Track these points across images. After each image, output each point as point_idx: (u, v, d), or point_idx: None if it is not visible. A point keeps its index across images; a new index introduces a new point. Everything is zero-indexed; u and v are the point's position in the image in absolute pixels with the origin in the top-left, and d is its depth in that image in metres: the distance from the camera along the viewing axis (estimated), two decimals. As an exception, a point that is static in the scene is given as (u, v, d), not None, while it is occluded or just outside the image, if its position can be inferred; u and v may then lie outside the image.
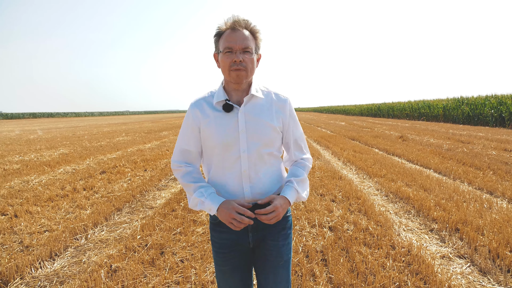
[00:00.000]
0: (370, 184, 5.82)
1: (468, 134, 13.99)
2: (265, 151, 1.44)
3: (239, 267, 1.49)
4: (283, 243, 1.50)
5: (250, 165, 1.42)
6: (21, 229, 3.72)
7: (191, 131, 1.48)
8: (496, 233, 3.41)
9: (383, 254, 3.03)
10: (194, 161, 1.53)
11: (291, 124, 1.53)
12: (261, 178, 1.44)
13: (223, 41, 1.38)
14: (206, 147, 1.48)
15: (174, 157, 1.53)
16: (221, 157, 1.43)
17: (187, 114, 1.50)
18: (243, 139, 1.41)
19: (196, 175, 1.50)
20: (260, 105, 1.46)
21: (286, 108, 1.50)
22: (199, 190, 1.42)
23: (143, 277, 2.66)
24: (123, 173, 6.73)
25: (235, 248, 1.48)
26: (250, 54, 1.38)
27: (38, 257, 3.02)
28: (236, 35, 1.36)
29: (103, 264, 2.85)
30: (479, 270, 2.84)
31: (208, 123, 1.43)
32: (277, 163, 1.52)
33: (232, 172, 1.43)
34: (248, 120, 1.42)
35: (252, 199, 1.43)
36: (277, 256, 1.49)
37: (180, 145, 1.52)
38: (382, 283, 2.54)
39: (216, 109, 1.44)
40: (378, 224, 3.76)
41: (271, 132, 1.45)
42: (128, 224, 3.94)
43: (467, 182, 5.76)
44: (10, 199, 4.85)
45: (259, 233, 1.47)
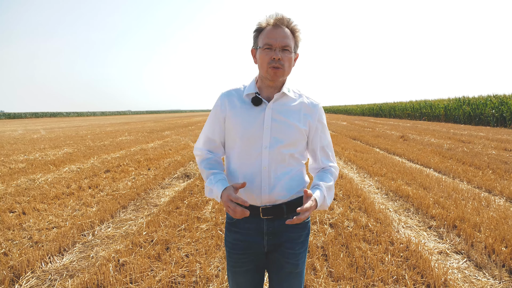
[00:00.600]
0: (370, 183, 5.91)
1: (469, 134, 14.05)
2: (286, 151, 1.41)
3: (251, 270, 1.47)
4: (300, 251, 1.47)
5: (270, 162, 1.39)
6: (30, 226, 3.83)
7: (217, 120, 1.48)
8: (492, 229, 3.50)
9: (382, 250, 3.12)
10: (216, 150, 1.53)
11: (319, 130, 1.50)
12: (280, 177, 1.41)
13: (263, 37, 1.37)
14: (229, 138, 1.47)
15: (198, 143, 1.55)
16: (243, 150, 1.42)
17: (215, 103, 1.50)
18: (267, 135, 1.39)
19: (212, 162, 1.50)
20: (290, 105, 1.44)
21: (316, 113, 1.47)
22: (210, 178, 1.42)
23: (150, 271, 2.76)
24: (127, 172, 6.83)
25: (248, 251, 1.45)
26: (289, 53, 1.37)
27: (47, 252, 3.12)
28: (277, 32, 1.35)
29: (111, 259, 2.95)
30: (475, 265, 2.92)
31: (234, 114, 1.43)
32: (298, 167, 1.48)
33: (252, 167, 1.40)
34: (275, 117, 1.40)
35: (268, 199, 1.40)
36: (294, 265, 1.46)
37: (205, 133, 1.52)
38: (381, 277, 2.64)
39: (245, 101, 1.44)
40: (378, 221, 3.84)
41: (295, 133, 1.42)
42: (134, 221, 4.04)
43: (466, 181, 5.84)
44: (17, 197, 4.95)
45: (276, 238, 1.44)
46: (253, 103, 1.40)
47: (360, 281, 2.58)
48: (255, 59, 1.44)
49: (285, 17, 1.36)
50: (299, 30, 1.41)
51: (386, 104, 40.11)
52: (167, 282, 2.56)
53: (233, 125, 1.43)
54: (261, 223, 1.42)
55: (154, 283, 2.54)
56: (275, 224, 1.42)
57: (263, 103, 1.41)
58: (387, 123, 24.47)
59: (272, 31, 1.35)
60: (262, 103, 1.41)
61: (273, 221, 1.43)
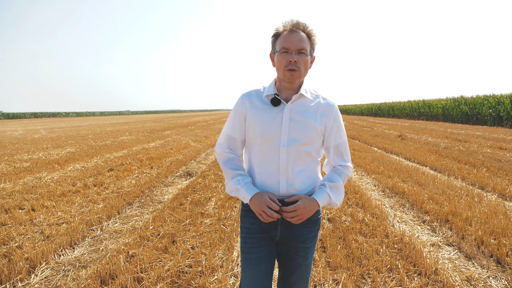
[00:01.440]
0: (368, 181, 6.07)
1: (465, 133, 14.24)
2: (303, 149, 1.49)
3: (264, 256, 1.53)
4: (310, 245, 1.56)
5: (288, 159, 1.47)
6: (40, 221, 3.99)
7: (238, 119, 1.56)
8: (482, 223, 3.67)
9: (377, 242, 3.29)
10: (237, 148, 1.61)
11: (334, 129, 1.56)
12: (297, 174, 1.49)
13: (280, 42, 1.45)
14: (249, 137, 1.56)
15: (219, 142, 1.63)
16: (262, 148, 1.50)
17: (236, 103, 1.59)
18: (285, 134, 1.47)
19: (236, 162, 1.58)
20: (307, 106, 1.52)
21: (332, 113, 1.55)
22: (236, 178, 1.50)
23: (158, 262, 2.92)
24: (130, 171, 6.99)
25: (262, 236, 1.54)
26: (304, 56, 1.44)
27: (59, 245, 3.28)
28: (293, 37, 1.43)
29: (121, 251, 3.12)
30: (465, 256, 3.09)
31: (255, 113, 1.51)
32: (314, 164, 1.56)
33: (271, 165, 1.49)
34: (293, 117, 1.48)
35: (286, 193, 1.49)
36: (303, 258, 1.56)
37: (226, 131, 1.61)
38: (375, 266, 2.80)
39: (264, 101, 1.53)
40: (374, 216, 4.01)
41: (312, 133, 1.49)
42: (139, 217, 4.20)
43: (461, 178, 6.01)
44: (25, 194, 5.11)
45: (288, 230, 1.53)
46: (272, 103, 1.49)
47: (356, 270, 2.75)
48: (273, 62, 1.53)
49: (300, 22, 1.45)
50: (315, 34, 1.49)
51: (385, 104, 40.32)
52: (175, 271, 2.72)
53: (253, 124, 1.51)
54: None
55: (163, 272, 2.71)
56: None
57: (281, 103, 1.49)
58: (385, 122, 24.67)
59: (289, 36, 1.43)
60: (281, 104, 1.49)
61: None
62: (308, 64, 1.49)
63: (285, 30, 1.45)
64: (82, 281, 2.62)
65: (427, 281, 2.58)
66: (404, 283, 2.57)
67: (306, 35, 1.46)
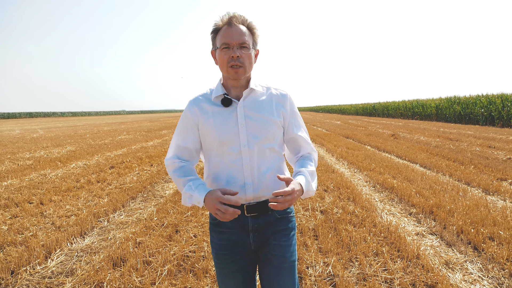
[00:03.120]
0: (360, 177, 6.35)
1: (457, 132, 14.57)
2: (266, 146, 1.41)
3: (240, 270, 1.45)
4: (286, 243, 1.45)
5: (251, 160, 1.39)
6: (50, 213, 4.23)
7: (189, 128, 1.47)
8: (464, 214, 3.95)
9: (366, 231, 3.56)
10: (189, 158, 1.50)
11: (293, 119, 1.50)
12: (264, 174, 1.40)
13: (220, 37, 1.37)
14: (206, 143, 1.46)
15: (169, 154, 1.52)
16: (222, 152, 1.40)
17: (184, 111, 1.49)
18: (243, 133, 1.38)
19: (187, 170, 1.46)
20: (260, 100, 1.44)
21: (287, 102, 1.48)
22: (188, 184, 1.38)
23: (164, 247, 3.18)
24: (131, 168, 7.23)
25: (236, 250, 1.44)
26: (247, 50, 1.37)
27: (71, 234, 3.53)
28: (233, 31, 1.34)
29: (129, 238, 3.38)
30: (446, 244, 3.37)
31: (207, 119, 1.42)
32: (278, 160, 1.48)
33: (234, 168, 1.39)
34: (248, 115, 1.40)
35: (253, 196, 1.40)
36: (281, 258, 1.43)
37: (176, 142, 1.50)
38: (363, 251, 3.08)
39: (215, 104, 1.43)
40: (364, 208, 4.29)
41: (271, 126, 1.42)
42: (143, 210, 4.46)
43: (448, 174, 6.31)
44: (33, 190, 5.35)
45: (262, 234, 1.43)
46: (223, 104, 1.40)
47: (345, 254, 3.03)
48: (216, 60, 1.44)
49: (238, 15, 1.37)
50: (256, 27, 1.42)
51: (380, 104, 40.71)
52: (180, 255, 2.98)
53: (208, 130, 1.42)
54: (245, 220, 1.42)
55: (169, 256, 2.97)
56: (259, 221, 1.42)
57: (233, 102, 1.41)
58: (380, 122, 25.02)
59: (228, 30, 1.35)
60: (232, 103, 1.41)
61: (257, 217, 1.42)
62: (253, 58, 1.42)
63: (224, 24, 1.37)
64: (96, 264, 2.87)
65: (408, 264, 2.86)
66: (387, 265, 2.84)
67: (247, 28, 1.39)
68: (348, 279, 2.62)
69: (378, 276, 2.68)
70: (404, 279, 2.62)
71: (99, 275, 2.65)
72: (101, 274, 2.66)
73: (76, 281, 2.64)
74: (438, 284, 2.53)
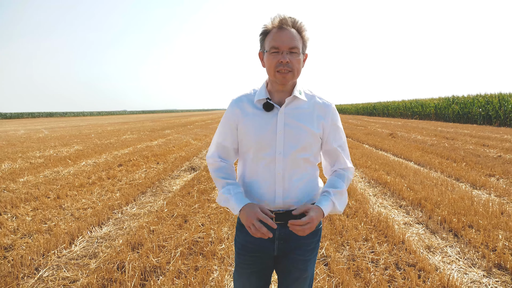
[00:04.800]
0: (356, 174, 6.70)
1: (454, 132, 14.91)
2: (301, 156, 1.39)
3: (256, 272, 1.47)
4: (310, 257, 1.47)
5: (284, 168, 1.38)
6: (68, 206, 4.60)
7: (228, 127, 1.47)
8: (449, 206, 4.30)
9: (357, 221, 3.91)
10: (229, 157, 1.52)
11: (333, 131, 1.46)
12: (295, 183, 1.39)
13: (269, 40, 1.33)
14: (242, 145, 1.46)
15: (210, 151, 1.54)
16: (256, 156, 1.40)
17: (227, 110, 1.49)
18: (280, 140, 1.37)
19: (227, 171, 1.49)
20: (302, 108, 1.41)
21: (329, 114, 1.44)
22: (226, 187, 1.41)
23: (175, 234, 3.54)
24: (138, 166, 7.60)
25: (257, 254, 1.45)
26: (297, 55, 1.33)
27: (89, 224, 3.89)
28: (283, 34, 1.31)
29: (143, 226, 3.75)
30: (430, 232, 3.72)
31: (247, 120, 1.41)
32: (312, 171, 1.46)
33: (266, 174, 1.39)
34: (287, 122, 1.38)
35: (282, 204, 1.40)
36: (303, 271, 1.46)
37: (217, 140, 1.52)
38: (353, 237, 3.43)
39: (257, 107, 1.42)
40: (357, 201, 4.64)
41: (309, 137, 1.39)
42: (153, 203, 4.82)
43: (440, 171, 6.66)
44: (48, 185, 5.71)
45: (287, 244, 1.43)
46: (265, 108, 1.39)
47: (337, 239, 3.38)
48: (263, 62, 1.41)
49: (290, 17, 1.33)
50: (306, 29, 1.37)
51: (380, 104, 41.07)
52: (190, 241, 3.35)
53: (246, 132, 1.42)
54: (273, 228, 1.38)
55: (181, 241, 3.34)
56: (286, 230, 1.40)
57: (274, 108, 1.39)
58: (379, 121, 25.38)
59: (278, 33, 1.32)
60: (274, 108, 1.39)
61: (285, 226, 1.40)
62: (301, 64, 1.38)
63: (274, 27, 1.33)
64: (116, 247, 3.24)
65: (393, 247, 3.21)
66: (374, 248, 3.20)
67: (297, 31, 1.35)
68: (339, 260, 2.98)
69: (366, 257, 3.04)
70: (388, 259, 2.97)
71: (120, 256, 3.02)
72: (122, 256, 3.03)
73: (100, 261, 3.00)
74: (418, 263, 2.89)
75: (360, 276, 2.74)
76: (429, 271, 2.77)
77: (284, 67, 1.31)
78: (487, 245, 3.25)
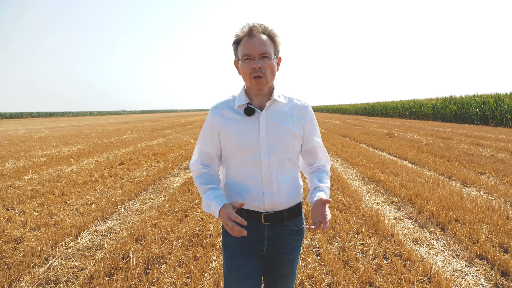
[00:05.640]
0: (351, 172, 6.90)
1: (450, 131, 15.09)
2: (285, 156, 1.44)
3: (250, 273, 1.48)
4: (296, 254, 1.55)
5: (270, 170, 1.42)
6: (73, 202, 4.79)
7: (210, 134, 1.50)
8: (438, 202, 4.49)
9: (350, 216, 4.10)
10: (212, 163, 1.54)
11: (312, 131, 1.53)
12: (282, 184, 1.44)
13: (241, 49, 1.38)
14: (226, 150, 1.48)
15: (193, 159, 1.56)
16: (241, 160, 1.44)
17: (207, 118, 1.51)
18: (264, 143, 1.41)
19: (209, 176, 1.51)
20: (282, 111, 1.46)
21: (307, 114, 1.51)
22: (207, 193, 1.43)
23: (176, 227, 3.73)
24: (139, 164, 7.78)
25: (248, 253, 1.48)
26: (269, 60, 1.38)
27: (94, 218, 4.08)
28: (253, 41, 1.36)
29: (146, 220, 3.94)
30: (419, 226, 3.91)
31: (229, 126, 1.44)
32: (295, 170, 1.52)
33: (253, 177, 1.43)
34: (270, 125, 1.42)
35: (271, 205, 1.44)
36: (289, 268, 1.55)
37: (199, 148, 1.54)
38: (345, 230, 3.62)
39: (238, 112, 1.45)
40: (351, 198, 4.83)
41: (291, 138, 1.45)
42: (155, 199, 5.01)
43: (433, 169, 6.84)
44: (52, 183, 5.90)
45: (275, 243, 1.49)
46: (246, 113, 1.43)
47: (330, 232, 3.58)
48: (239, 70, 1.45)
49: (259, 25, 1.38)
50: (277, 35, 1.42)
51: (378, 104, 41.26)
52: (190, 233, 3.54)
53: (230, 137, 1.44)
54: (262, 228, 1.47)
55: (181, 233, 3.53)
56: (275, 229, 1.47)
57: (256, 112, 1.43)
58: (377, 121, 25.57)
59: (249, 41, 1.36)
60: (255, 113, 1.43)
61: (273, 226, 1.47)
62: (275, 68, 1.43)
63: (244, 35, 1.39)
64: (120, 239, 3.43)
65: (382, 240, 3.41)
66: (364, 240, 3.39)
67: (268, 37, 1.40)
68: (330, 250, 3.17)
69: (356, 248, 3.24)
70: (377, 250, 3.17)
71: (125, 247, 3.21)
72: (126, 247, 3.22)
73: (105, 252, 3.19)
74: (404, 254, 3.08)
75: (350, 265, 2.93)
76: (415, 261, 2.96)
77: (257, 73, 1.36)
78: (471, 237, 3.44)
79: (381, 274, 2.77)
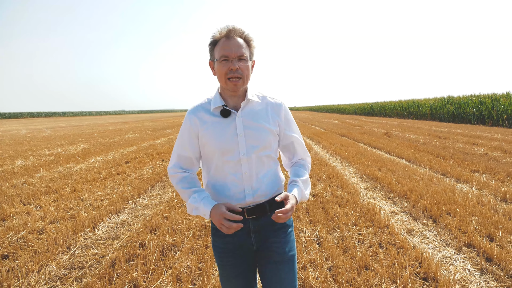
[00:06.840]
0: (350, 170, 7.16)
1: (447, 131, 15.36)
2: (263, 153, 1.48)
3: (242, 273, 1.52)
4: (285, 239, 1.53)
5: (250, 167, 1.45)
6: (86, 198, 5.05)
7: (188, 137, 1.52)
8: (431, 197, 4.76)
9: (348, 209, 4.37)
10: (191, 166, 1.56)
11: (287, 127, 1.57)
12: (261, 180, 1.48)
13: (218, 50, 1.40)
14: (205, 153, 1.51)
15: (171, 163, 1.56)
16: (221, 161, 1.46)
17: (184, 121, 1.53)
18: (242, 143, 1.44)
19: (190, 180, 1.53)
20: (257, 110, 1.50)
21: (282, 111, 1.55)
22: (193, 196, 1.45)
23: (186, 219, 4.00)
24: (145, 163, 8.05)
25: (239, 252, 1.51)
26: (245, 62, 1.41)
27: (108, 212, 4.34)
28: (231, 43, 1.38)
29: (157, 213, 4.21)
30: (413, 219, 4.18)
31: (206, 129, 1.46)
32: (275, 166, 1.55)
33: (233, 175, 1.45)
34: (246, 124, 1.46)
35: (252, 200, 1.47)
36: (281, 253, 1.51)
37: (177, 151, 1.55)
38: (344, 222, 3.89)
39: (214, 114, 1.47)
40: (349, 193, 5.10)
41: (268, 135, 1.49)
42: (163, 195, 5.28)
43: (428, 167, 7.11)
44: (64, 180, 6.16)
45: (262, 235, 1.51)
46: (223, 115, 1.45)
47: (329, 224, 3.84)
48: (214, 71, 1.47)
49: (237, 28, 1.41)
50: (253, 39, 1.46)
51: (377, 104, 41.51)
52: (200, 225, 3.81)
53: (208, 139, 1.46)
54: (247, 223, 1.47)
55: (192, 225, 3.80)
56: (260, 222, 1.49)
57: (232, 113, 1.46)
58: (376, 121, 25.85)
59: (227, 43, 1.39)
60: (231, 114, 1.46)
61: (258, 219, 1.49)
62: (250, 70, 1.46)
63: (222, 37, 1.42)
64: (136, 230, 3.70)
65: (378, 230, 3.68)
66: (362, 231, 3.66)
67: (244, 40, 1.44)
68: (330, 239, 3.44)
69: (353, 237, 3.51)
70: (373, 240, 3.44)
71: (140, 237, 3.48)
72: (142, 236, 3.49)
73: (122, 242, 3.46)
74: (398, 242, 3.35)
75: (348, 252, 3.20)
76: (408, 248, 3.23)
77: (234, 74, 1.39)
78: (460, 228, 3.71)
79: (376, 260, 3.04)
